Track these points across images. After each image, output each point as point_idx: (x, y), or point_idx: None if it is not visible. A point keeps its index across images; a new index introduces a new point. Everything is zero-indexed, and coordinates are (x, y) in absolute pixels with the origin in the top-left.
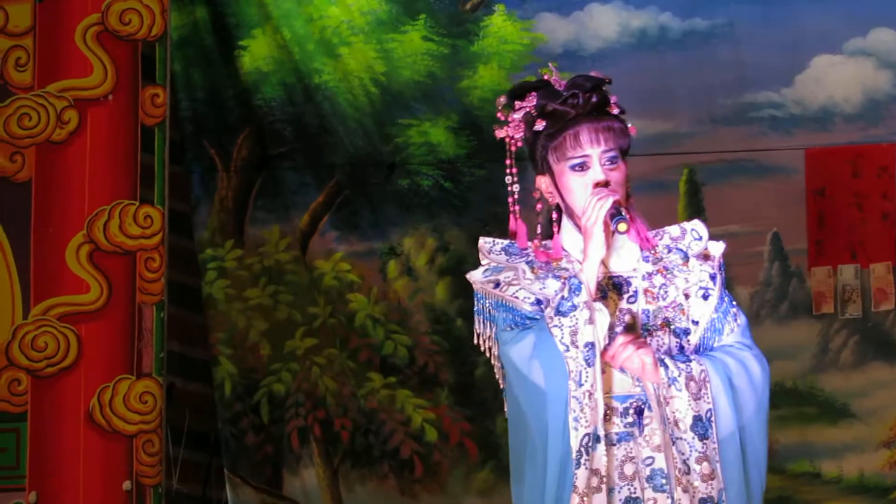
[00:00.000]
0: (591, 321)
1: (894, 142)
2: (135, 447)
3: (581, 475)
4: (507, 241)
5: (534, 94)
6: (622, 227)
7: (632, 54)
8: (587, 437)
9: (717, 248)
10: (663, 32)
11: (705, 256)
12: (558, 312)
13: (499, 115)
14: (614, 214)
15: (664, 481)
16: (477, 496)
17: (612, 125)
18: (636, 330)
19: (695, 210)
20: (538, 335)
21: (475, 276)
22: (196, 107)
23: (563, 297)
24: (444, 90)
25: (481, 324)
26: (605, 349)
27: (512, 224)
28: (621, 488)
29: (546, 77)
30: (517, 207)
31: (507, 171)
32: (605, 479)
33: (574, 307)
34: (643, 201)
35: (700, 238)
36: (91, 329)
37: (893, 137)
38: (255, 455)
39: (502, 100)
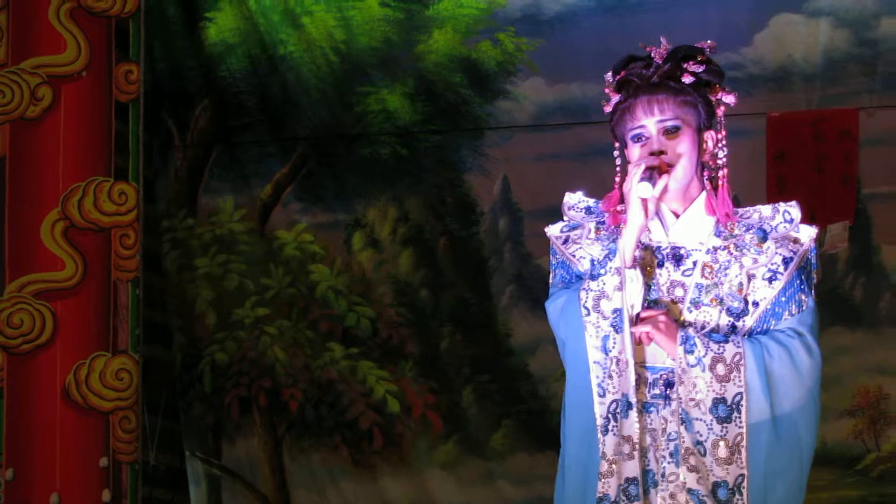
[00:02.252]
0: (620, 287)
1: (856, 106)
2: (111, 424)
3: (609, 441)
4: (593, 200)
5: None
6: (643, 190)
7: (591, 18)
8: (615, 403)
9: (808, 233)
10: None
11: (792, 240)
12: (591, 276)
13: (606, 90)
14: (643, 178)
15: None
16: (440, 468)
17: (671, 95)
18: (665, 305)
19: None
20: (568, 296)
21: (552, 231)
22: (157, 78)
23: (598, 262)
24: (400, 56)
25: (552, 277)
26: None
27: (616, 196)
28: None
29: (649, 49)
30: (618, 177)
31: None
32: (636, 447)
33: (604, 272)
34: (604, 166)
35: (790, 220)
36: (66, 306)
37: (852, 97)
38: (199, 426)
39: (608, 75)
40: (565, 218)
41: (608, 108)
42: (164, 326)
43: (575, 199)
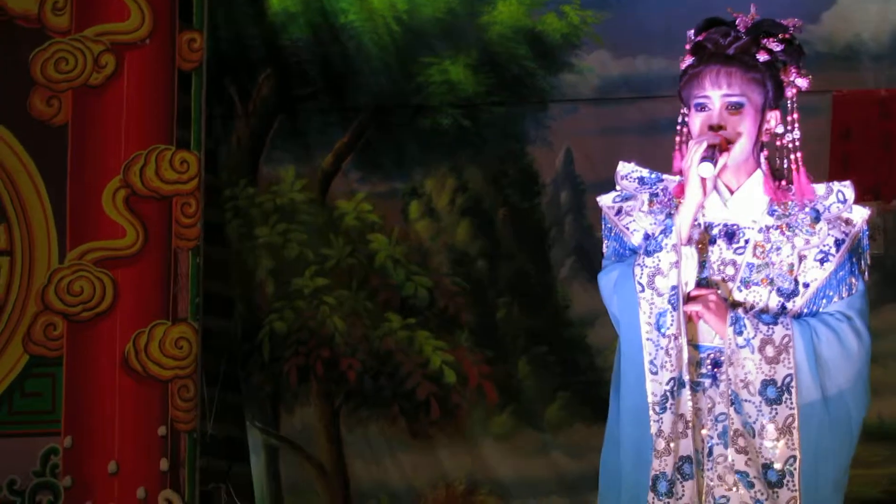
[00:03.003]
0: (676, 265)
1: None
2: (170, 392)
3: (667, 419)
4: (647, 170)
5: (709, 30)
6: (704, 170)
7: None
8: (672, 381)
9: (861, 214)
10: None
11: (844, 220)
12: (645, 251)
13: (686, 46)
14: (704, 157)
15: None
16: (494, 440)
17: (741, 71)
18: (716, 284)
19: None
20: (622, 271)
21: (604, 200)
22: (219, 46)
23: (653, 237)
24: (464, 26)
25: (605, 248)
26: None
27: (676, 158)
28: None
29: (735, 14)
30: (681, 141)
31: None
32: (690, 424)
33: (659, 248)
34: (668, 141)
35: (844, 201)
36: (127, 274)
37: None
38: (258, 394)
39: (690, 33)
40: (618, 188)
41: (682, 66)
42: (224, 297)
43: (628, 169)
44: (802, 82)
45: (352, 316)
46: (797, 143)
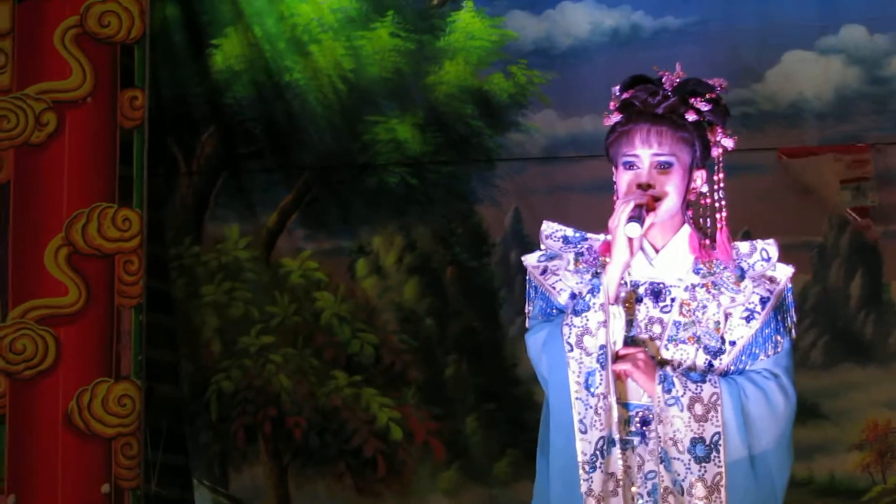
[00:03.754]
0: (604, 324)
1: (868, 142)
2: (113, 450)
3: (597, 478)
4: (571, 229)
5: (636, 87)
6: (632, 230)
7: (603, 52)
8: (602, 440)
9: (785, 272)
10: (635, 31)
11: (769, 279)
12: (573, 311)
13: (610, 104)
14: (632, 217)
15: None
16: (442, 495)
17: (671, 130)
18: (643, 342)
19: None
20: (550, 331)
21: (529, 260)
22: (162, 104)
23: (581, 297)
24: (410, 86)
25: (529, 307)
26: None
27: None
28: None
29: (661, 73)
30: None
31: None
32: (620, 483)
33: (587, 308)
34: (609, 201)
35: (768, 259)
36: (69, 332)
37: (863, 135)
38: (206, 453)
39: (616, 89)
40: (542, 247)
41: (606, 122)
42: (168, 357)
43: (552, 228)
44: (728, 142)
45: (297, 374)
46: (723, 203)
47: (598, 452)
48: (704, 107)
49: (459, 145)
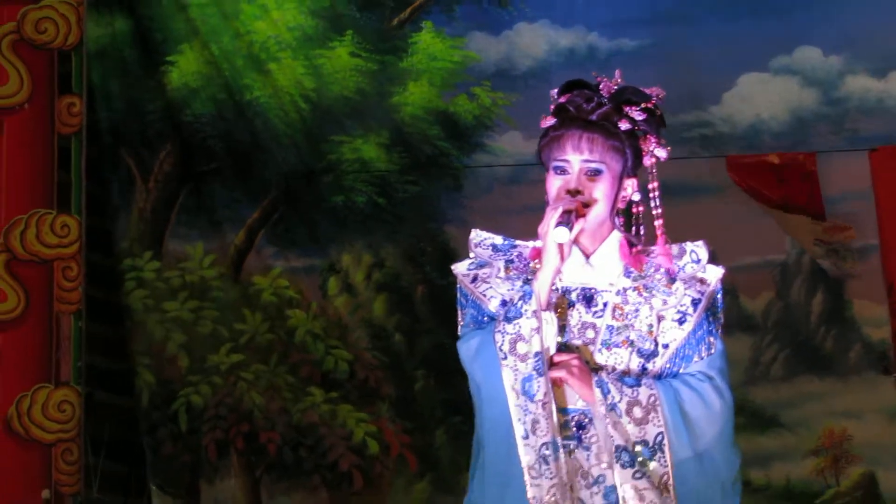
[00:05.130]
0: (537, 331)
1: (823, 162)
2: (53, 455)
3: (544, 484)
4: (500, 237)
5: (573, 92)
6: (560, 235)
7: (562, 72)
8: (545, 445)
9: (715, 273)
10: (592, 52)
11: (699, 280)
12: (505, 318)
13: (550, 106)
14: (560, 222)
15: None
16: None
17: (603, 137)
18: (576, 348)
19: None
20: (483, 338)
21: (459, 268)
22: (114, 117)
23: (513, 304)
24: (374, 106)
25: (461, 316)
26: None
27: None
28: None
29: (599, 79)
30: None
31: None
32: (567, 487)
33: (519, 314)
34: None
35: (697, 261)
36: (9, 338)
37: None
38: (172, 464)
39: (554, 92)
40: (472, 255)
41: (543, 125)
42: (101, 368)
43: (482, 237)
44: (662, 152)
45: (269, 390)
46: (660, 212)
47: (542, 459)
48: (639, 116)
49: (426, 166)
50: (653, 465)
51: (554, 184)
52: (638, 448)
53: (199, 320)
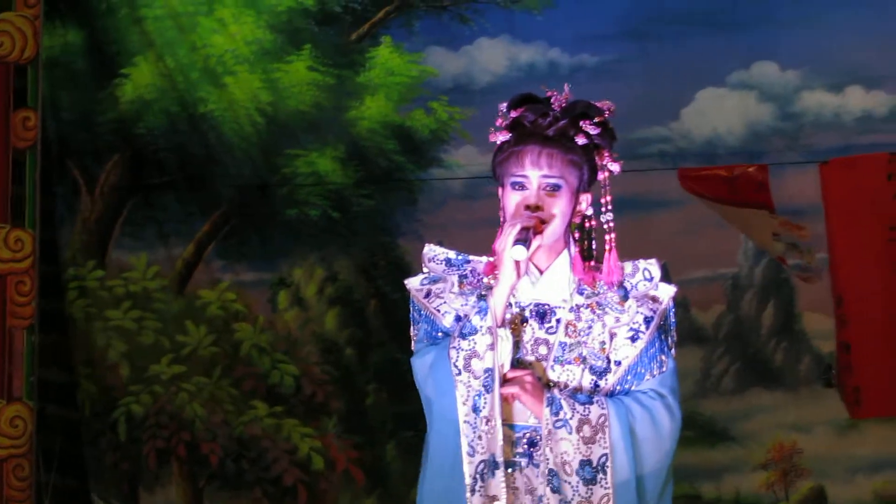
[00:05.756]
0: (492, 347)
1: (776, 176)
2: (5, 471)
3: (476, 502)
4: (454, 252)
5: (525, 107)
6: (518, 253)
7: (521, 87)
8: (482, 463)
9: (667, 291)
10: (552, 68)
11: (651, 298)
12: (460, 334)
13: (498, 121)
14: (518, 240)
15: None
16: None
17: (561, 153)
18: (529, 364)
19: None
20: (437, 353)
21: (412, 283)
22: (62, 128)
23: (468, 320)
24: (330, 120)
25: (414, 331)
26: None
27: (497, 238)
28: None
29: (550, 93)
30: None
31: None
32: None
33: (475, 331)
34: None
35: (650, 279)
36: None
37: (775, 169)
38: (113, 473)
39: (503, 106)
40: (425, 270)
41: (493, 138)
42: (63, 377)
43: (435, 252)
44: (615, 166)
45: (211, 402)
46: (611, 225)
47: (478, 475)
48: (593, 130)
49: (381, 180)
50: (594, 486)
51: (512, 199)
52: (583, 467)
53: (141, 330)
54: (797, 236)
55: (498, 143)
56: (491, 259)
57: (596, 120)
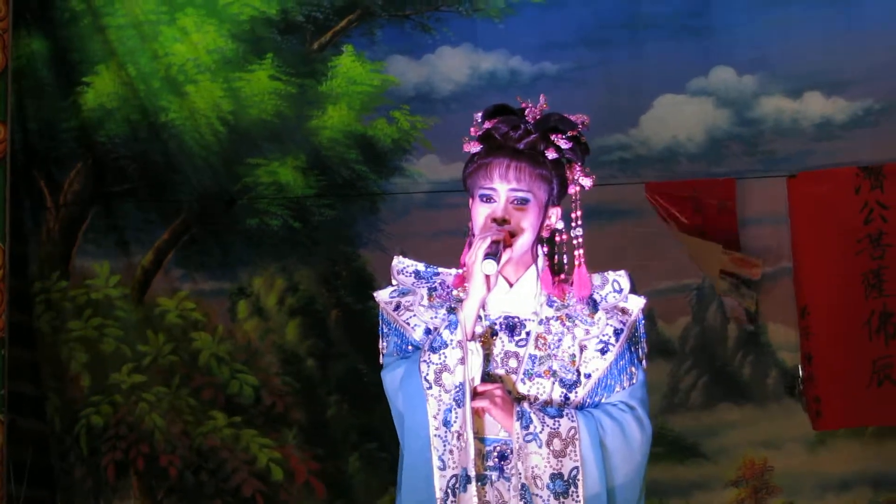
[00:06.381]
0: (462, 361)
1: (734, 177)
2: None
3: None
4: (423, 264)
5: (498, 118)
6: (488, 267)
7: (483, 96)
8: (454, 478)
9: (636, 303)
10: (514, 76)
11: (621, 310)
12: (430, 348)
13: (472, 130)
14: (488, 254)
15: None
16: None
17: (530, 167)
18: (499, 377)
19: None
20: (408, 368)
21: (381, 296)
22: (28, 138)
23: (438, 333)
24: (292, 130)
25: (383, 344)
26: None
27: (465, 250)
28: None
29: (524, 104)
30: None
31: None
32: None
33: (445, 344)
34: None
35: (619, 290)
36: None
37: (735, 176)
38: (80, 488)
39: (478, 116)
40: (394, 282)
41: (466, 148)
42: (33, 392)
43: (404, 264)
44: (587, 181)
45: (171, 413)
46: (581, 240)
47: (450, 490)
48: (565, 144)
49: (343, 189)
50: (566, 499)
51: (480, 212)
52: (553, 481)
53: (102, 338)
54: (748, 273)
55: (468, 151)
56: (460, 271)
57: (568, 134)
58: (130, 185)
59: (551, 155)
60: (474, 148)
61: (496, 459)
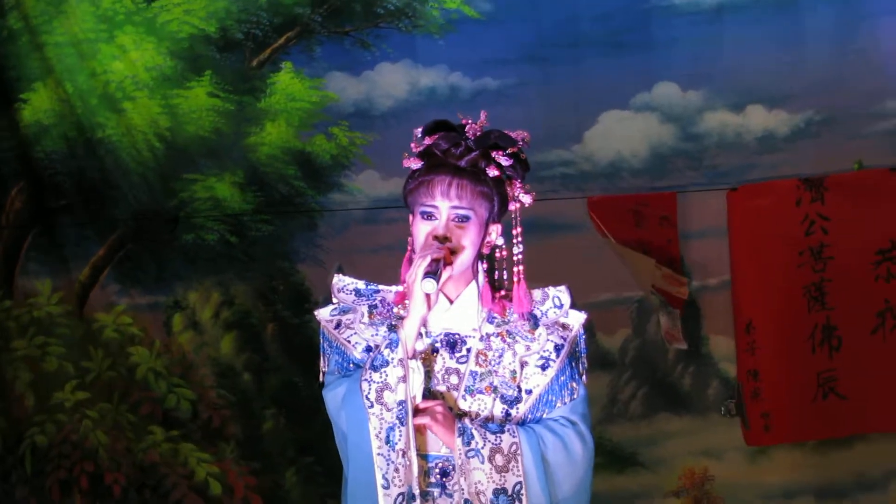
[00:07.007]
0: (404, 379)
1: (675, 190)
2: None
3: None
4: (363, 282)
5: (438, 135)
6: (428, 286)
7: (422, 112)
8: (401, 496)
9: (577, 318)
10: (454, 91)
11: (562, 325)
12: (371, 366)
13: (412, 145)
14: (428, 272)
15: None
16: None
17: (471, 184)
18: (440, 394)
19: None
20: (349, 386)
21: (322, 314)
22: None
23: (379, 352)
24: (230, 146)
25: (324, 362)
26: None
27: (404, 266)
28: None
29: (465, 121)
30: (412, 251)
31: None
32: None
33: (386, 363)
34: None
35: (560, 306)
36: None
37: (678, 190)
38: None
39: (418, 132)
40: (335, 300)
41: (406, 164)
42: None
43: (344, 282)
44: (527, 198)
45: (115, 430)
46: (521, 257)
47: None
48: (506, 161)
49: (281, 205)
50: None
51: (421, 229)
52: (497, 496)
53: (45, 356)
54: (674, 292)
55: (409, 166)
56: (401, 288)
57: (508, 151)
58: (67, 202)
59: (492, 173)
60: (414, 164)
61: (438, 476)
